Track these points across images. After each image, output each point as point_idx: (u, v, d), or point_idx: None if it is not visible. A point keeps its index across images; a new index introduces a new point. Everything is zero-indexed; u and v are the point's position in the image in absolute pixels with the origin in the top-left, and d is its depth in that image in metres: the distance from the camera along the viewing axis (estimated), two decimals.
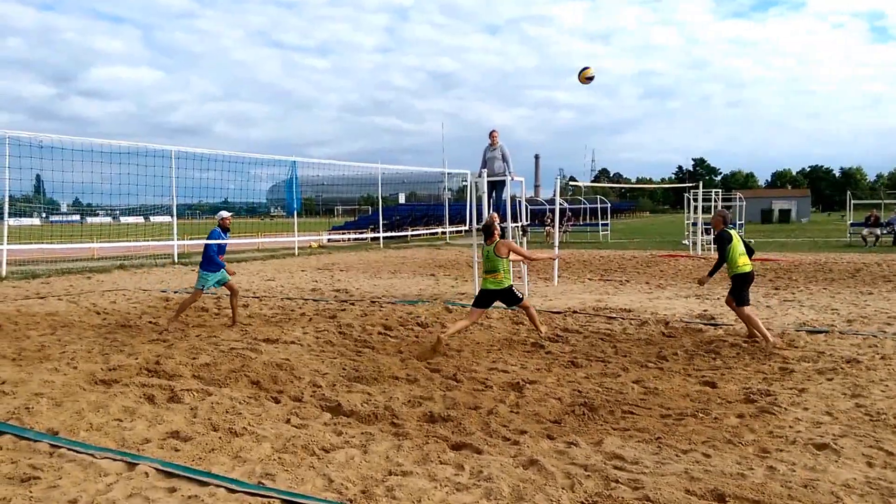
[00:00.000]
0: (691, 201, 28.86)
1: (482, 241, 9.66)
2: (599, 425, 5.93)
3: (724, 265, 9.37)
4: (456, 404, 6.49)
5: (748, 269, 9.33)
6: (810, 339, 9.38)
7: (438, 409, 6.34)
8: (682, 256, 25.10)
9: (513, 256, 9.51)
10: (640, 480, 4.56)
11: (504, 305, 9.88)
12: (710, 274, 9.62)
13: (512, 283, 9.41)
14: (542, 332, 9.69)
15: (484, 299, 9.33)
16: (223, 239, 11.31)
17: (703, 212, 27.32)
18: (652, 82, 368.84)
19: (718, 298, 13.56)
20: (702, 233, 26.94)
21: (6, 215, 20.67)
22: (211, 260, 10.97)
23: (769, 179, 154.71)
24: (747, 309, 9.19)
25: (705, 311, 11.95)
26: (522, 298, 9.45)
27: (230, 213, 11.32)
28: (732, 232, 9.54)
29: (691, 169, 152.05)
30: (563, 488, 4.49)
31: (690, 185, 31.03)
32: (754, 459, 5.02)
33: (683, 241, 31.55)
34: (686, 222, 30.25)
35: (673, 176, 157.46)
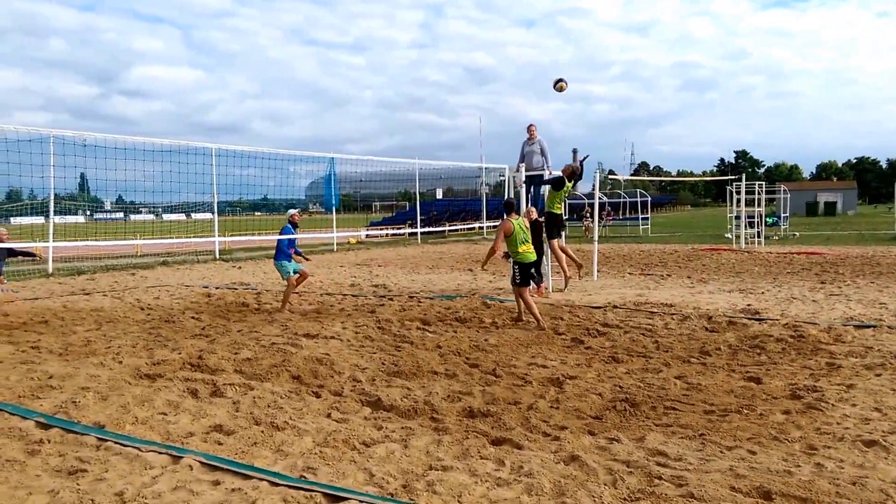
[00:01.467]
0: (734, 194, 28.41)
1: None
2: (641, 421, 5.87)
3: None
4: (495, 399, 6.47)
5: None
6: (858, 333, 9.18)
7: (478, 404, 6.32)
8: (725, 250, 24.73)
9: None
10: (683, 477, 4.49)
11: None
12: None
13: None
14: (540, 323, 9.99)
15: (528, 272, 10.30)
16: (293, 234, 12.29)
17: (747, 205, 26.92)
18: (690, 74, 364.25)
19: (763, 293, 13.35)
20: (745, 226, 26.54)
21: (52, 213, 21.11)
22: (281, 251, 12.05)
23: (814, 171, 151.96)
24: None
25: (749, 305, 11.76)
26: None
27: (298, 210, 12.47)
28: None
29: (733, 161, 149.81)
30: (605, 484, 4.44)
31: (733, 177, 30.53)
32: (801, 456, 4.92)
33: (726, 235, 31.10)
34: (728, 215, 29.79)
35: (714, 168, 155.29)
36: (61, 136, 11.34)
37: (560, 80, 14.35)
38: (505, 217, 10.31)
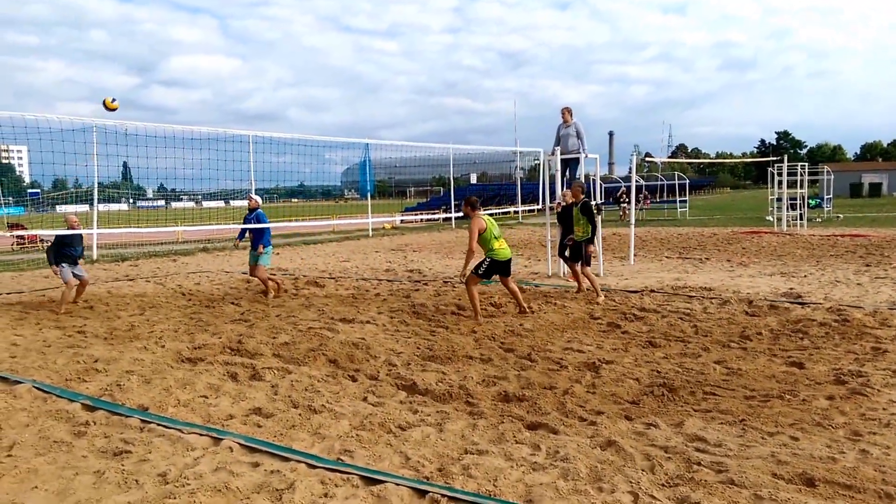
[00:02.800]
0: (775, 176, 27.93)
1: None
2: (680, 406, 5.81)
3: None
4: (531, 384, 6.46)
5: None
6: None
7: (513, 388, 6.32)
8: (766, 233, 24.35)
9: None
10: (723, 463, 4.45)
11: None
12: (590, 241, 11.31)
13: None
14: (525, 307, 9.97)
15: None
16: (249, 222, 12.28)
17: (789, 187, 26.45)
18: (730, 54, 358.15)
19: (805, 276, 13.13)
20: (787, 208, 26.09)
21: (96, 201, 21.49)
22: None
23: (858, 152, 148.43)
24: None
25: (791, 289, 11.57)
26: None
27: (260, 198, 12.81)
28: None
29: (774, 142, 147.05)
30: (642, 470, 4.41)
31: (774, 159, 30.00)
32: (845, 443, 4.84)
33: (767, 217, 30.62)
34: (770, 198, 29.32)
35: (755, 150, 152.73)
36: (103, 126, 11.50)
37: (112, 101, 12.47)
38: (472, 215, 9.71)
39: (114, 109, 12.21)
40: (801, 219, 26.76)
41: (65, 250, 11.23)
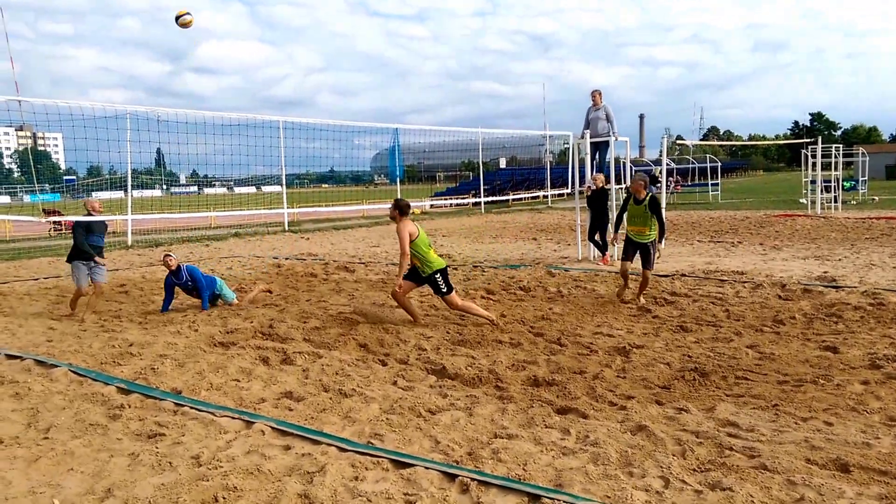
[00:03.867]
0: (809, 158, 27.51)
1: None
2: (711, 391, 5.77)
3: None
4: (560, 368, 6.44)
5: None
6: None
7: (543, 373, 6.31)
8: (800, 216, 24.01)
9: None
10: (756, 448, 4.41)
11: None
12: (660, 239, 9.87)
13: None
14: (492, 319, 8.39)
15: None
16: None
17: (823, 169, 26.03)
18: (762, 35, 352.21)
19: (840, 260, 12.93)
20: (821, 191, 25.69)
21: (130, 187, 21.77)
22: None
23: (894, 133, 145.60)
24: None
25: (826, 272, 11.40)
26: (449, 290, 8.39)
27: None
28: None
29: (808, 124, 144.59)
30: (673, 455, 4.39)
31: (808, 140, 29.54)
32: (881, 428, 4.77)
33: (801, 200, 30.18)
34: (804, 180, 28.89)
35: (788, 132, 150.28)
36: (136, 113, 11.63)
37: (184, 16, 11.76)
38: (399, 220, 8.44)
39: (185, 24, 11.45)
40: (835, 201, 26.36)
41: (87, 239, 9.74)
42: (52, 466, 4.53)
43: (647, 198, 9.55)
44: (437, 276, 8.31)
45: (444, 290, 8.33)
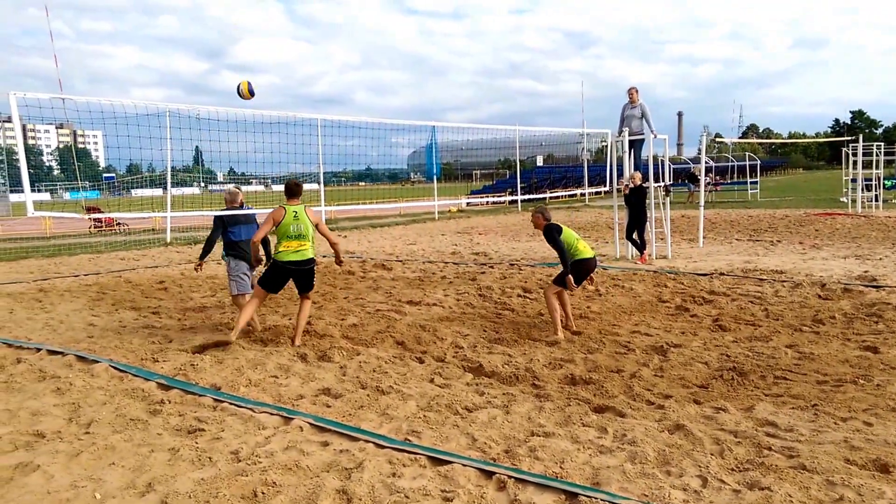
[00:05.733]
0: (850, 156, 27.01)
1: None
2: (750, 391, 5.71)
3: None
4: (597, 367, 6.42)
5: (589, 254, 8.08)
6: None
7: (580, 371, 6.30)
8: (840, 214, 23.60)
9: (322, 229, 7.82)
10: (794, 448, 4.36)
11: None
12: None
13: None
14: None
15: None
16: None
17: (864, 167, 25.57)
18: (802, 31, 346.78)
19: (881, 259, 12.69)
20: (862, 189, 25.23)
21: (169, 185, 22.08)
22: None
23: None
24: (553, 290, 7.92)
25: (866, 272, 11.20)
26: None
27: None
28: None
29: (849, 122, 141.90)
30: (711, 454, 4.36)
31: (848, 139, 28.99)
32: None
33: (841, 199, 29.66)
34: (844, 178, 28.39)
35: (829, 130, 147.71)
36: (177, 111, 11.79)
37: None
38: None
39: (248, 96, 11.04)
40: (876, 200, 25.86)
41: (230, 235, 8.63)
42: (93, 461, 4.61)
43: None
44: (269, 263, 7.81)
45: (260, 281, 7.72)
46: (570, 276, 7.67)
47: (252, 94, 10.84)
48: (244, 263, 8.40)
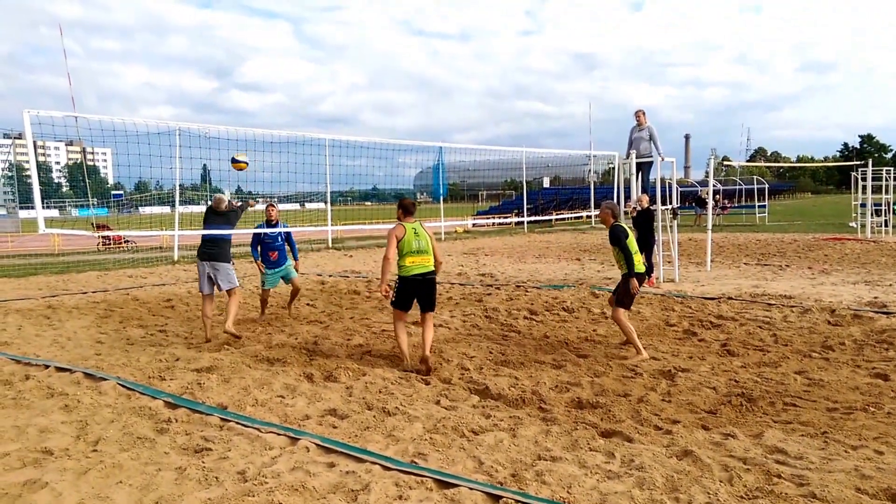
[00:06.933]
0: (859, 181, 26.98)
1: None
2: (759, 417, 5.68)
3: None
4: (604, 391, 6.40)
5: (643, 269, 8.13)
6: None
7: (587, 395, 6.27)
8: (849, 239, 23.53)
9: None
10: (804, 476, 4.33)
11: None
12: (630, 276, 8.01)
13: None
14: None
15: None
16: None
17: (873, 192, 25.52)
18: (809, 55, 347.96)
19: (891, 285, 12.64)
20: (871, 214, 25.16)
21: (177, 203, 22.17)
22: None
23: None
24: (623, 313, 8.00)
25: (876, 298, 11.15)
26: None
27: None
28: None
29: (858, 146, 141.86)
30: (720, 481, 4.33)
31: (857, 163, 28.96)
32: None
33: (850, 224, 29.58)
34: (853, 203, 28.35)
35: (838, 154, 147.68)
36: (187, 129, 11.85)
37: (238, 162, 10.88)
38: (399, 220, 7.87)
39: (242, 168, 11.24)
40: (885, 225, 25.79)
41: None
42: (100, 479, 4.61)
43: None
44: (398, 282, 7.77)
45: (393, 300, 7.74)
46: (633, 279, 7.81)
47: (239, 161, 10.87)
48: (205, 263, 9.04)
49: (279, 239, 10.59)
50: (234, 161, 10.27)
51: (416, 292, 7.69)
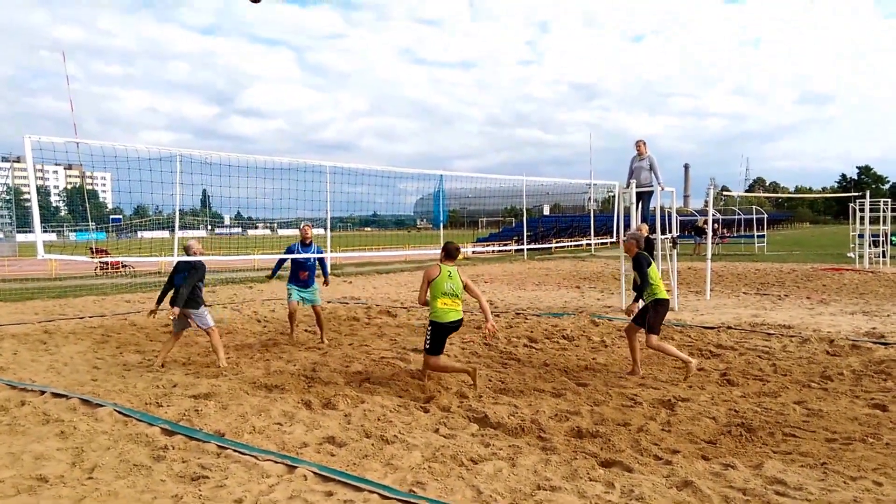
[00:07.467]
0: (857, 212, 27.08)
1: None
2: (758, 447, 5.65)
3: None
4: (604, 420, 6.37)
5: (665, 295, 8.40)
6: None
7: (586, 424, 6.25)
8: (848, 270, 23.56)
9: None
10: None
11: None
12: (636, 300, 8.58)
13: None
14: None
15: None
16: (300, 253, 10.81)
17: (871, 223, 25.62)
18: (807, 87, 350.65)
19: (889, 316, 12.64)
20: (869, 245, 25.23)
21: (177, 228, 22.18)
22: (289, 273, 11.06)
23: None
24: (656, 339, 8.22)
25: (874, 328, 11.16)
26: None
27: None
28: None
29: (856, 177, 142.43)
30: None
31: (855, 194, 29.07)
32: None
33: (849, 254, 29.63)
34: (851, 234, 28.42)
35: (836, 185, 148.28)
36: (189, 155, 11.90)
37: None
38: (439, 261, 7.91)
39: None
40: (883, 256, 25.85)
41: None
42: None
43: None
44: (429, 326, 7.71)
45: (427, 347, 7.68)
46: (654, 309, 8.14)
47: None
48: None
49: (311, 259, 10.74)
50: None
51: (448, 335, 7.81)
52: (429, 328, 7.69)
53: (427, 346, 7.68)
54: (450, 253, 7.93)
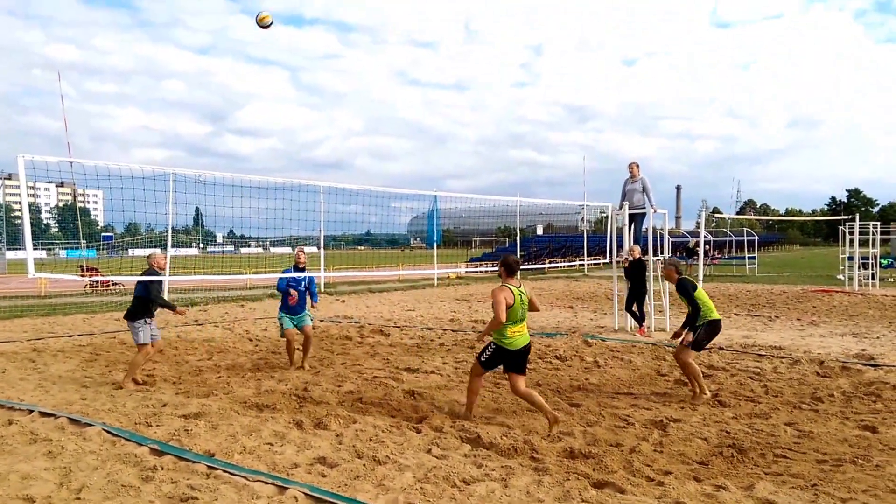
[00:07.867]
0: (846, 234, 27.25)
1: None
2: (750, 469, 5.65)
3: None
4: (597, 441, 6.36)
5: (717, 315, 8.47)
6: None
7: (579, 444, 6.23)
8: (837, 292, 23.66)
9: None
10: None
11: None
12: (684, 326, 8.42)
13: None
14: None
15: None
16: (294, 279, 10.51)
17: (860, 245, 25.79)
18: (798, 110, 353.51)
19: (878, 338, 12.69)
20: (858, 267, 25.37)
21: (169, 246, 22.14)
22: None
23: None
24: (693, 355, 8.30)
25: (864, 350, 11.19)
26: None
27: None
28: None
29: (845, 200, 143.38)
30: None
31: (845, 217, 29.26)
32: None
33: (838, 276, 29.76)
34: (841, 256, 28.57)
35: (826, 207, 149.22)
36: (183, 175, 11.89)
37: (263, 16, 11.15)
38: (502, 281, 7.19)
39: (266, 25, 11.02)
40: (872, 278, 25.99)
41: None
42: None
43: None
44: (492, 346, 7.15)
45: (483, 360, 7.21)
46: (692, 333, 8.18)
47: (265, 24, 11.06)
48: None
49: (302, 285, 10.55)
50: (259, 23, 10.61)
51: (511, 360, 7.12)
52: (493, 347, 7.12)
53: (484, 360, 7.17)
54: (510, 268, 7.16)
